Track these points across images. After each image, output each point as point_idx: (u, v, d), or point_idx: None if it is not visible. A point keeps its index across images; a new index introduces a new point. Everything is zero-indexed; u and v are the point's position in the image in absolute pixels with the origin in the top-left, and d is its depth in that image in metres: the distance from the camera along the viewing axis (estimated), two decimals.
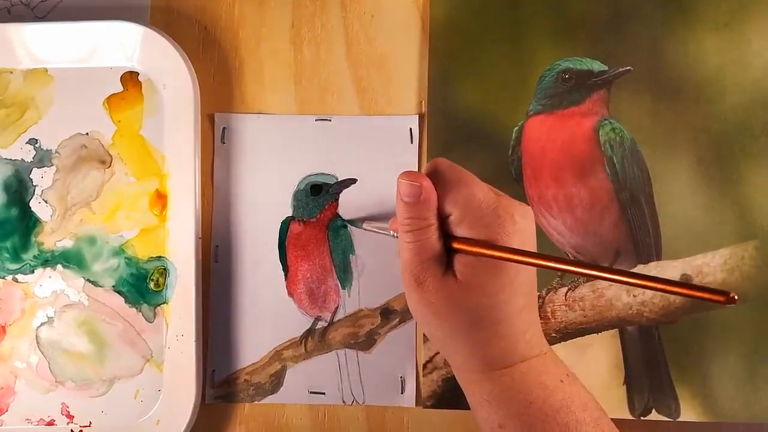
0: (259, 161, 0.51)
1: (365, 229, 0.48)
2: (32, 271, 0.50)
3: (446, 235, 0.39)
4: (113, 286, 0.50)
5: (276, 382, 0.50)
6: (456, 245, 0.38)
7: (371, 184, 0.50)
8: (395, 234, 0.43)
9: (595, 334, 0.49)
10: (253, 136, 0.51)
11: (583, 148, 0.49)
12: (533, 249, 0.39)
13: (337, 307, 0.50)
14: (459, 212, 0.38)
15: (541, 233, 0.49)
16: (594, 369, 0.48)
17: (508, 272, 0.37)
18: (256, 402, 0.50)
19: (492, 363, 0.38)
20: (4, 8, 0.52)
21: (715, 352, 0.48)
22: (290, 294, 0.50)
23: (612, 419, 0.38)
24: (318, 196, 0.50)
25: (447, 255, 0.38)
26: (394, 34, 0.51)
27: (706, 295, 0.31)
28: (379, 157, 0.50)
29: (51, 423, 0.49)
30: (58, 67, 0.51)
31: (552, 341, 0.48)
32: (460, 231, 0.38)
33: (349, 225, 0.49)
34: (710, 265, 0.48)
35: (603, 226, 0.49)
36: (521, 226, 0.38)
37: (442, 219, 0.39)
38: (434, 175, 0.39)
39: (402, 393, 0.49)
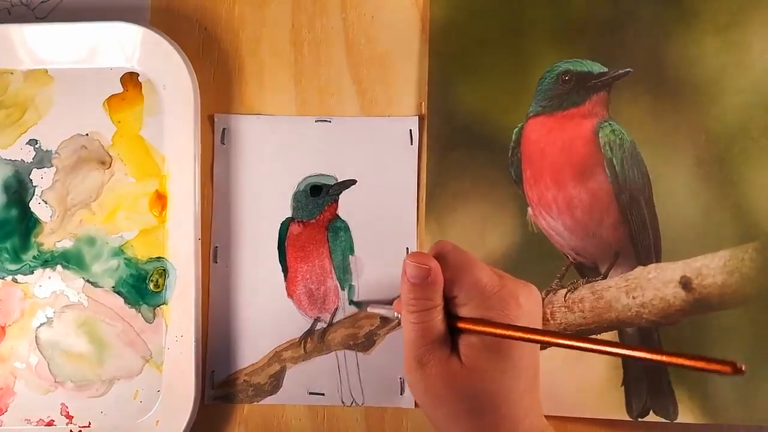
0: (259, 162, 0.51)
1: (369, 312, 0.48)
2: (32, 272, 0.50)
3: (450, 315, 0.39)
4: (113, 287, 0.50)
5: (275, 382, 0.50)
6: (461, 325, 0.38)
7: (371, 185, 0.50)
8: (399, 315, 0.42)
9: (594, 336, 0.49)
10: (253, 137, 0.51)
11: (582, 150, 0.49)
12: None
13: (336, 308, 0.50)
14: (464, 295, 0.38)
15: (541, 235, 0.49)
16: (592, 370, 0.48)
17: (513, 356, 0.37)
18: (256, 403, 0.50)
19: None
20: (5, 9, 0.52)
21: (714, 354, 0.47)
22: (290, 295, 0.50)
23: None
24: (318, 197, 0.50)
25: (450, 336, 0.38)
26: (394, 35, 0.51)
27: (710, 366, 0.31)
28: (378, 159, 0.50)
29: (50, 423, 0.49)
30: (58, 67, 0.51)
31: None
32: (464, 312, 0.38)
33: (356, 306, 0.50)
34: (710, 267, 0.47)
35: (603, 227, 0.49)
36: (526, 309, 0.38)
37: (446, 299, 0.39)
38: (439, 257, 0.39)
39: (401, 394, 0.49)
